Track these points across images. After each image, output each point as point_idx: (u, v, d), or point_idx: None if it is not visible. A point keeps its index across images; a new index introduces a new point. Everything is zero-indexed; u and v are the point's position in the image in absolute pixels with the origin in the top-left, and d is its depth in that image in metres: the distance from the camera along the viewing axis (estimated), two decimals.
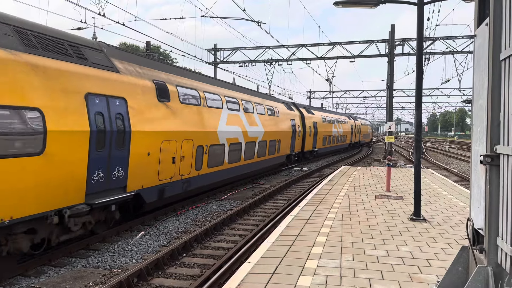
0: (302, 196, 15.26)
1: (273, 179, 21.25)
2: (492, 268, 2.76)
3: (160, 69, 11.94)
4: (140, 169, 10.01)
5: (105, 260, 8.19)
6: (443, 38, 30.36)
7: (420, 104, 9.38)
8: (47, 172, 7.37)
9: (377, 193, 12.82)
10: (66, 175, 7.79)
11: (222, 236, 10.12)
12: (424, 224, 8.71)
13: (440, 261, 6.22)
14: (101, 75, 8.98)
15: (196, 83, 13.78)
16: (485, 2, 3.08)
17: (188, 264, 8.04)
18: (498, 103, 2.68)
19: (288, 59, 33.63)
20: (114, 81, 9.34)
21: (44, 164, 7.28)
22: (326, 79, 39.71)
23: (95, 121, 8.51)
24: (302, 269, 5.85)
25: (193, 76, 14.44)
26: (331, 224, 8.58)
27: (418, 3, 9.17)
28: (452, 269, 3.43)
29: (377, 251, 6.70)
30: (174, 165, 11.56)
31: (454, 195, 12.68)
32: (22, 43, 7.38)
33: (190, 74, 14.39)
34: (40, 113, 7.24)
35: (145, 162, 10.20)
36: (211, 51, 34.60)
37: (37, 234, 7.62)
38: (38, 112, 7.21)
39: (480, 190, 3.02)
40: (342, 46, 31.62)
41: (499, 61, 2.67)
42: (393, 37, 28.41)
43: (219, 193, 16.18)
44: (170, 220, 11.52)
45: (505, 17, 2.56)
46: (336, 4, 9.67)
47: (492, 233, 2.74)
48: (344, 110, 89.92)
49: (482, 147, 2.95)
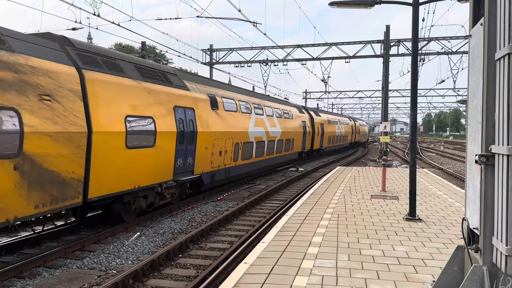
0: (298, 196, 15.28)
1: (269, 179, 21.25)
2: (487, 268, 2.77)
3: (211, 85, 15.78)
4: (201, 159, 13.70)
5: (100, 261, 8.15)
6: (438, 39, 30.51)
7: (415, 105, 9.41)
8: (156, 158, 10.98)
9: (373, 193, 12.85)
10: (164, 161, 11.45)
11: (218, 237, 10.11)
12: (419, 224, 8.73)
13: (435, 260, 6.24)
14: (180, 93, 12.60)
15: (233, 94, 17.56)
16: (480, 2, 3.09)
17: (184, 265, 8.02)
18: (493, 103, 2.69)
19: (284, 60, 33.68)
20: (187, 96, 13.02)
21: (154, 153, 10.91)
22: (322, 80, 39.81)
23: (179, 125, 12.07)
24: (298, 269, 5.85)
25: (231, 88, 18.54)
26: (327, 224, 8.58)
27: (413, 3, 9.21)
28: (447, 268, 3.44)
29: (372, 251, 6.72)
30: (221, 157, 15.30)
31: (449, 195, 12.73)
32: (140, 74, 10.94)
33: (229, 87, 18.44)
34: (153, 120, 10.87)
35: (204, 154, 13.91)
36: (207, 51, 34.58)
37: (148, 198, 11.32)
38: (152, 119, 10.84)
39: (475, 189, 3.03)
40: (338, 47, 31.70)
41: (494, 61, 2.67)
42: (388, 38, 28.51)
43: (215, 193, 16.16)
44: (166, 221, 11.49)
45: (499, 17, 2.57)
46: (331, 4, 9.69)
47: (487, 232, 2.75)
48: (340, 110, 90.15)
49: (477, 147, 2.96)
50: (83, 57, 9.23)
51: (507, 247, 2.43)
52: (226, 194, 16.04)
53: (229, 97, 16.69)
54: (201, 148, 13.52)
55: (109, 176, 9.35)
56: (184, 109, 12.53)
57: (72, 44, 9.20)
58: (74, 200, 8.46)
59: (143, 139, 10.45)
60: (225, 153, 15.58)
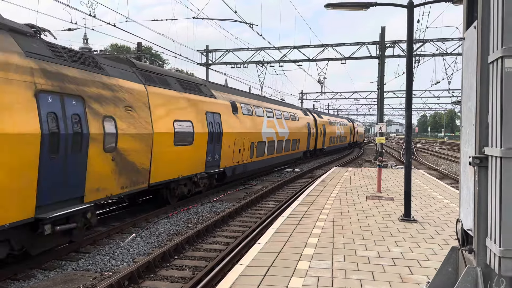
0: (294, 197, 15.29)
1: (265, 180, 21.25)
2: (481, 269, 2.79)
3: (231, 93, 18.69)
4: (225, 155, 16.34)
5: (95, 263, 8.12)
6: (433, 40, 30.64)
7: (410, 106, 9.45)
8: (193, 154, 13.62)
9: (368, 194, 12.89)
10: (199, 156, 14.06)
11: (214, 238, 10.10)
12: (414, 224, 8.77)
13: (430, 261, 6.27)
14: (210, 100, 15.32)
15: (249, 100, 20.34)
16: (473, 5, 3.11)
17: (179, 267, 8.01)
18: (487, 105, 2.70)
19: (280, 61, 33.70)
20: (215, 103, 15.74)
21: (192, 149, 13.51)
22: (318, 81, 39.82)
23: (209, 127, 14.74)
24: (294, 270, 5.86)
25: (247, 95, 21.59)
26: (323, 225, 8.60)
27: (407, 5, 9.25)
28: (442, 269, 3.45)
29: (368, 252, 6.74)
30: (240, 154, 17.88)
31: (444, 195, 12.79)
32: (182, 87, 13.53)
33: (245, 94, 21.59)
34: (192, 123, 13.52)
35: (228, 151, 16.52)
36: (203, 52, 34.54)
37: (187, 186, 13.89)
38: (191, 123, 13.42)
39: (469, 191, 3.05)
40: (334, 48, 31.76)
41: (487, 63, 2.69)
42: (384, 39, 28.60)
43: (211, 194, 16.15)
44: (162, 222, 11.47)
45: (493, 20, 2.59)
46: (327, 6, 9.72)
47: (481, 234, 2.77)
48: (336, 111, 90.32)
49: (471, 148, 2.98)
50: (144, 75, 11.71)
51: (500, 249, 2.45)
52: (222, 195, 16.03)
53: (246, 103, 19.40)
54: (225, 146, 16.23)
55: (163, 167, 11.82)
56: (213, 114, 15.29)
57: (135, 65, 11.64)
58: (143, 184, 10.99)
59: (185, 138, 13.10)
60: (243, 150, 18.25)
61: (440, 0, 9.77)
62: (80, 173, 8.49)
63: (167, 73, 13.52)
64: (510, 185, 2.45)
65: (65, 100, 8.15)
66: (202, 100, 14.64)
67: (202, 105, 14.53)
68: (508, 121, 2.44)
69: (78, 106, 8.52)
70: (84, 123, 8.59)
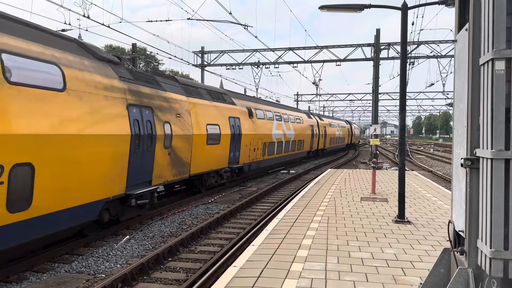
0: (289, 198, 15.29)
1: (260, 182, 21.24)
2: (473, 270, 2.80)
3: (247, 100, 21.95)
4: (243, 153, 19.24)
5: (89, 265, 8.07)
6: (427, 42, 30.82)
7: (404, 108, 9.49)
8: (219, 152, 16.35)
9: (363, 196, 12.92)
10: (224, 153, 16.92)
11: (209, 240, 10.07)
12: (408, 226, 8.79)
13: (423, 263, 6.29)
14: (231, 107, 18.29)
15: (261, 106, 23.43)
16: (465, 7, 3.13)
17: (173, 269, 7.98)
18: (478, 107, 2.72)
19: (275, 62, 33.74)
20: (235, 109, 18.66)
21: (219, 148, 16.24)
22: (313, 82, 39.89)
23: (231, 129, 17.60)
24: (288, 272, 5.85)
25: (259, 101, 24.92)
26: (317, 227, 8.61)
27: (401, 8, 9.30)
28: (434, 271, 3.46)
29: (362, 254, 6.75)
30: (254, 152, 20.79)
31: (438, 197, 12.84)
32: (211, 96, 16.66)
33: (258, 100, 24.95)
34: (219, 126, 16.31)
35: (245, 150, 19.42)
36: (198, 53, 34.51)
37: (214, 178, 16.83)
38: (218, 126, 16.24)
39: (461, 193, 3.06)
40: (329, 50, 31.85)
41: (478, 66, 2.71)
42: (379, 41, 28.73)
43: (206, 196, 16.12)
44: (156, 224, 11.43)
45: (484, 23, 2.61)
46: (321, 8, 9.74)
47: (472, 235, 2.78)
48: (331, 113, 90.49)
49: (463, 150, 2.99)
50: (185, 89, 14.72)
51: (491, 250, 2.46)
52: (217, 197, 16.01)
53: (259, 108, 22.44)
54: (243, 145, 19.12)
55: (198, 162, 14.60)
56: (234, 118, 18.20)
57: (177, 80, 14.73)
58: (186, 174, 13.82)
59: (214, 139, 15.84)
60: (257, 149, 21.15)
61: (434, 3, 9.83)
62: (150, 164, 11.29)
63: (200, 86, 17.02)
64: (500, 187, 2.46)
65: (142, 110, 10.87)
66: (226, 107, 17.65)
67: (226, 111, 17.51)
68: (499, 123, 2.46)
69: (149, 115, 11.27)
70: (153, 127, 11.34)
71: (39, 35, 7.97)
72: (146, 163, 10.97)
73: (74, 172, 8.09)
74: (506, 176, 2.45)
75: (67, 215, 8.07)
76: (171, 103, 12.73)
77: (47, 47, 7.90)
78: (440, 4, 9.43)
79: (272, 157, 24.14)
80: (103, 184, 9.15)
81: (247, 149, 19.64)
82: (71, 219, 8.28)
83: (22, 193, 6.93)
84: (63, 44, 8.57)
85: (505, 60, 2.42)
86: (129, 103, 10.19)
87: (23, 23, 7.77)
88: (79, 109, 8.34)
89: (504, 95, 2.44)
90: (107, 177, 9.24)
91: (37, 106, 7.26)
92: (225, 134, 16.86)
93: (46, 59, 7.69)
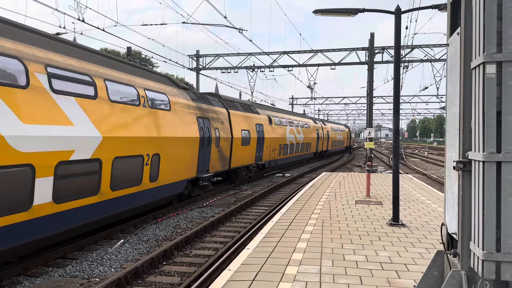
0: (284, 202, 15.29)
1: (255, 185, 21.24)
2: (466, 272, 2.81)
3: (268, 109, 27.17)
4: (265, 153, 23.89)
5: (83, 269, 8.02)
6: (421, 46, 31.01)
7: (398, 111, 9.54)
8: (249, 151, 20.91)
9: (357, 199, 12.94)
10: (252, 153, 21.31)
11: (203, 244, 10.05)
12: (402, 229, 8.82)
13: (417, 265, 6.31)
14: (256, 116, 22.71)
15: (278, 114, 28.33)
16: (457, 12, 3.16)
17: (168, 273, 7.95)
18: (470, 110, 2.74)
19: (270, 66, 33.79)
20: (259, 117, 23.17)
21: (249, 148, 20.78)
22: (308, 86, 40.01)
23: (257, 134, 21.93)
24: (282, 275, 5.85)
25: (276, 110, 30.46)
26: (312, 230, 8.61)
27: (395, 12, 9.36)
28: (427, 273, 3.48)
29: (356, 256, 6.76)
30: (273, 152, 25.51)
31: (432, 200, 12.89)
32: (243, 108, 21.32)
33: (276, 109, 30.55)
34: (249, 131, 20.75)
35: (266, 150, 24.00)
36: (193, 57, 34.51)
37: (244, 172, 21.45)
38: (248, 131, 20.68)
39: (453, 195, 3.08)
40: (323, 54, 31.97)
41: (470, 69, 2.74)
42: (373, 45, 28.88)
43: (201, 200, 16.09)
44: (150, 227, 11.38)
45: (475, 27, 2.64)
46: (315, 12, 9.79)
47: (465, 237, 2.80)
48: (326, 116, 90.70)
49: (455, 153, 3.01)
50: (225, 103, 19.37)
51: (483, 252, 2.48)
52: (212, 200, 15.98)
53: (276, 116, 27.12)
54: (265, 147, 23.72)
55: (235, 158, 19.18)
56: (259, 125, 22.84)
57: (220, 96, 19.66)
58: (227, 167, 18.40)
59: (246, 141, 20.34)
60: (275, 150, 25.84)
61: (427, 7, 9.91)
62: (208, 157, 15.75)
63: (235, 100, 21.76)
64: (492, 189, 2.48)
65: (204, 120, 15.35)
66: (253, 116, 22.39)
67: (253, 119, 22.15)
68: (490, 126, 2.48)
69: (207, 123, 15.74)
70: (210, 132, 15.76)
71: (157, 78, 12.86)
72: (206, 156, 15.56)
73: (176, 160, 12.76)
74: (498, 179, 2.47)
75: (172, 186, 12.83)
76: (218, 115, 17.27)
77: (162, 84, 12.69)
78: (433, 9, 9.51)
79: (286, 157, 29.02)
80: (187, 169, 13.86)
81: (268, 150, 24.41)
82: (173, 189, 13.07)
83: (156, 171, 11.42)
84: (164, 80, 13.42)
85: (496, 64, 2.45)
86: (197, 116, 14.73)
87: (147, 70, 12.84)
88: (176, 120, 12.93)
89: (495, 98, 2.47)
90: (189, 164, 13.92)
91: (161, 121, 11.84)
92: (253, 138, 21.39)
93: (162, 92, 12.33)
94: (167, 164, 11.92)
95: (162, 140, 11.56)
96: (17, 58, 7.11)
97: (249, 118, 21.39)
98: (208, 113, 15.86)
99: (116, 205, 9.79)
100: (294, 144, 30.43)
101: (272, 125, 25.32)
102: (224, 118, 17.92)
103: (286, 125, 28.61)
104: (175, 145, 12.46)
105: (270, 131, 24.60)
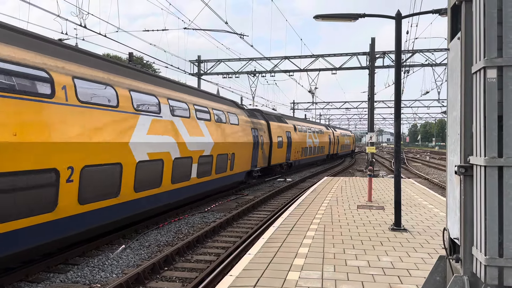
0: (286, 207, 15.26)
1: (257, 190, 21.21)
2: (468, 277, 2.80)
3: (292, 119, 33.95)
4: (292, 154, 29.93)
5: (84, 275, 8.00)
6: (422, 51, 31.06)
7: (399, 116, 9.53)
8: (282, 153, 27.75)
9: (359, 204, 12.91)
10: (284, 154, 28.14)
11: (205, 249, 10.02)
12: (404, 234, 8.79)
13: (420, 270, 6.28)
14: (285, 125, 29.36)
15: (300, 122, 34.89)
16: (457, 17, 3.17)
17: (169, 278, 7.92)
18: (471, 115, 2.74)
19: (271, 71, 33.88)
20: (288, 126, 29.80)
21: (282, 150, 27.49)
22: (309, 91, 40.07)
23: (287, 139, 28.57)
24: (284, 281, 5.83)
25: (298, 119, 37.34)
26: (314, 235, 8.58)
27: (395, 17, 9.38)
28: (430, 278, 3.46)
29: (358, 262, 6.73)
30: (297, 154, 31.25)
31: (434, 204, 12.85)
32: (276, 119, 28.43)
33: (298, 119, 38.17)
34: (282, 137, 27.40)
35: (293, 152, 30.07)
36: (195, 62, 34.62)
37: (278, 168, 28.31)
38: (281, 137, 27.44)
39: (455, 200, 3.07)
40: (324, 59, 32.05)
41: (470, 74, 2.74)
42: (374, 50, 28.93)
43: (202, 205, 16.07)
44: (152, 233, 11.36)
45: (475, 32, 2.64)
46: (316, 17, 9.82)
47: (467, 242, 2.79)
48: (328, 121, 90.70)
49: (457, 157, 3.01)
50: (265, 116, 25.11)
51: (486, 257, 2.47)
52: (214, 205, 15.95)
53: (299, 124, 33.24)
54: (292, 149, 29.65)
55: (273, 158, 24.92)
56: (288, 132, 28.80)
57: (261, 111, 25.44)
58: (267, 164, 24.17)
59: (280, 145, 26.36)
60: (298, 152, 31.72)
61: (428, 12, 9.93)
62: (256, 156, 21.28)
63: (271, 113, 28.49)
64: (494, 194, 2.47)
65: (254, 130, 21.01)
66: (284, 125, 28.52)
67: (284, 127, 28.20)
68: (491, 130, 2.48)
69: (256, 132, 21.30)
70: (258, 138, 21.34)
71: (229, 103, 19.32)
72: (255, 156, 21.27)
73: (242, 157, 18.82)
74: (500, 183, 2.47)
75: (239, 175, 19.19)
76: (262, 125, 23.11)
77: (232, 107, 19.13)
78: (433, 13, 9.52)
79: (306, 158, 35.34)
80: (246, 164, 19.90)
81: (294, 152, 30.36)
82: (240, 176, 19.34)
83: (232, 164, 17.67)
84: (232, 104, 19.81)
85: (497, 69, 2.45)
86: (251, 127, 20.69)
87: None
88: (242, 131, 19.11)
89: (496, 103, 2.47)
90: (247, 160, 19.92)
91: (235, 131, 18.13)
92: (284, 142, 27.53)
93: (234, 113, 18.61)
94: (238, 160, 18.27)
95: (236, 144, 18.07)
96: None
97: (281, 127, 27.60)
98: (256, 125, 21.90)
99: (220, 181, 16.54)
100: (312, 147, 37.00)
101: (297, 132, 31.54)
102: (265, 128, 23.96)
103: (306, 131, 35.13)
104: (242, 147, 18.80)
105: (295, 137, 30.78)
